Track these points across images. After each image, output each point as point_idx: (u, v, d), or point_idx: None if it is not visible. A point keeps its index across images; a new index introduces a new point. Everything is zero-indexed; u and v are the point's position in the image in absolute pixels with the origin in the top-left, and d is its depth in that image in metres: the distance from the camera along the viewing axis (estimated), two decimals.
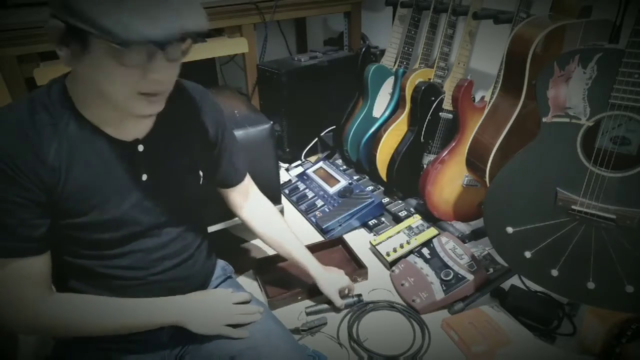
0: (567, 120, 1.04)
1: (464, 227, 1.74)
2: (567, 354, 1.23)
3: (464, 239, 1.66)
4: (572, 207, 1.07)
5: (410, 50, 1.98)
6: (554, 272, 1.14)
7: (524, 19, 1.43)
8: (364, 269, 1.51)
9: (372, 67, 1.98)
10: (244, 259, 1.63)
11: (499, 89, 1.46)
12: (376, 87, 2.01)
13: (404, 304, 1.41)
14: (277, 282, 1.47)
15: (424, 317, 1.35)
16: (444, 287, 1.38)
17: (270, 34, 2.22)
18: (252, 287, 1.47)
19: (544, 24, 1.28)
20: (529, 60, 1.27)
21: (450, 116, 1.76)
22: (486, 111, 1.49)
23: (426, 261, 1.48)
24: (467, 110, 1.60)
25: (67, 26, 0.65)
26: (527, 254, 1.17)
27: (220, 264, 1.14)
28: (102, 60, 0.66)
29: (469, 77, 1.61)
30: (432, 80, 1.81)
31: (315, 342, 1.28)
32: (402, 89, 1.87)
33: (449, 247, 1.49)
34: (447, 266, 1.42)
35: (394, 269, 1.52)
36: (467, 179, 1.68)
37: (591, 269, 1.09)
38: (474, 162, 1.50)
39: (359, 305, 1.38)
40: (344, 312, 1.37)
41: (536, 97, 1.08)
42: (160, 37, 0.64)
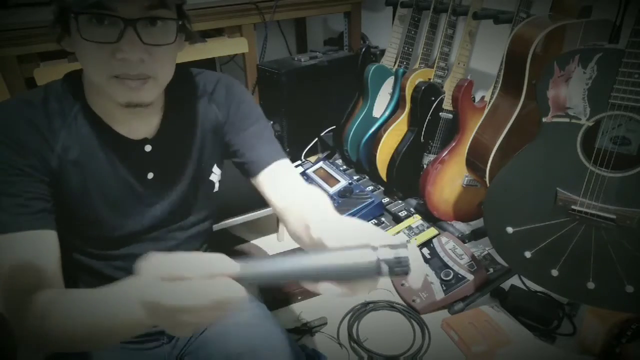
0: (567, 120, 1.04)
1: (464, 227, 1.74)
2: (567, 354, 1.23)
3: (464, 239, 1.66)
4: (572, 207, 1.07)
5: (410, 50, 1.98)
6: (554, 272, 1.14)
7: (524, 19, 1.43)
8: None
9: (372, 67, 1.98)
10: (244, 259, 1.63)
11: (499, 89, 1.46)
12: (376, 87, 2.01)
13: (404, 304, 1.41)
14: None
15: (424, 317, 1.35)
16: (444, 287, 1.38)
17: (270, 34, 2.22)
18: (252, 287, 1.48)
19: (544, 24, 1.28)
20: (529, 60, 1.27)
21: (450, 116, 1.76)
22: (486, 111, 1.49)
23: (426, 261, 1.48)
24: (467, 110, 1.60)
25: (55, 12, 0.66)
26: (527, 254, 1.17)
27: None
28: (76, 38, 0.66)
29: (469, 77, 1.61)
30: (432, 80, 1.81)
31: (315, 342, 1.28)
32: (402, 89, 1.87)
33: (449, 247, 1.49)
34: (447, 266, 1.42)
35: None
36: (467, 179, 1.68)
37: (591, 269, 1.09)
38: (474, 162, 1.50)
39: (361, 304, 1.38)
40: (344, 312, 1.37)
41: (536, 97, 1.08)
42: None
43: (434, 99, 1.76)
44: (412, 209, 1.84)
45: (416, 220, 1.71)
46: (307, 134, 2.31)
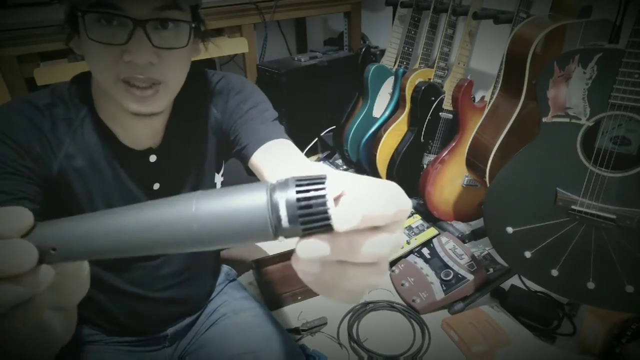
0: (567, 120, 1.04)
1: (464, 227, 1.74)
2: (567, 354, 1.23)
3: (464, 239, 1.66)
4: (572, 207, 1.07)
5: (410, 50, 1.98)
6: (554, 272, 1.14)
7: (524, 19, 1.43)
8: None
9: (372, 67, 1.98)
10: (244, 259, 1.63)
11: (499, 89, 1.46)
12: (376, 87, 2.01)
13: (404, 304, 1.41)
14: (276, 282, 1.47)
15: (424, 317, 1.35)
16: (444, 287, 1.38)
17: (270, 34, 2.22)
18: (252, 287, 1.48)
19: (544, 24, 1.28)
20: (529, 60, 1.27)
21: (450, 116, 1.76)
22: (486, 111, 1.49)
23: (426, 261, 1.48)
24: (467, 110, 1.60)
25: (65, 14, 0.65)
26: (527, 254, 1.17)
27: (224, 269, 1.12)
28: (84, 39, 0.63)
29: (469, 77, 1.61)
30: (432, 80, 1.81)
31: (315, 342, 1.28)
32: (402, 89, 1.87)
33: (449, 247, 1.49)
34: (447, 266, 1.42)
35: (394, 268, 1.52)
36: (467, 179, 1.68)
37: (591, 269, 1.09)
38: (474, 162, 1.50)
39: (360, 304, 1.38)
40: (344, 312, 1.37)
41: (536, 97, 1.08)
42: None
43: (434, 99, 1.76)
44: (412, 209, 1.84)
45: (416, 220, 1.71)
46: (307, 134, 2.31)
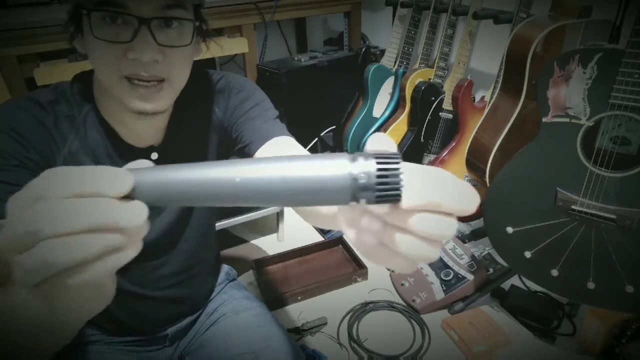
0: (567, 120, 1.04)
1: (464, 227, 1.74)
2: (567, 354, 1.23)
3: (464, 239, 1.66)
4: (572, 207, 1.07)
5: (410, 50, 1.98)
6: (554, 272, 1.14)
7: (524, 19, 1.43)
8: (364, 269, 1.51)
9: (372, 67, 1.98)
10: (244, 259, 1.63)
11: (499, 89, 1.46)
12: (376, 87, 2.01)
13: (404, 304, 1.41)
14: (277, 282, 1.47)
15: (424, 317, 1.35)
16: (444, 287, 1.38)
17: (270, 34, 2.22)
18: (252, 287, 1.48)
19: (544, 24, 1.28)
20: (529, 60, 1.27)
21: (450, 116, 1.76)
22: (486, 111, 1.49)
23: None
24: (467, 110, 1.60)
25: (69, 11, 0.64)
26: (527, 254, 1.17)
27: (224, 268, 1.12)
28: (88, 37, 0.64)
29: (469, 77, 1.61)
30: (432, 80, 1.81)
31: (315, 342, 1.28)
32: (402, 89, 1.87)
33: (449, 247, 1.49)
34: (447, 266, 1.42)
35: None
36: (467, 179, 1.68)
37: (591, 269, 1.09)
38: (474, 162, 1.50)
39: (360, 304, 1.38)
40: (344, 312, 1.37)
41: (536, 97, 1.08)
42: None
43: (434, 99, 1.76)
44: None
45: None
46: (307, 134, 2.31)
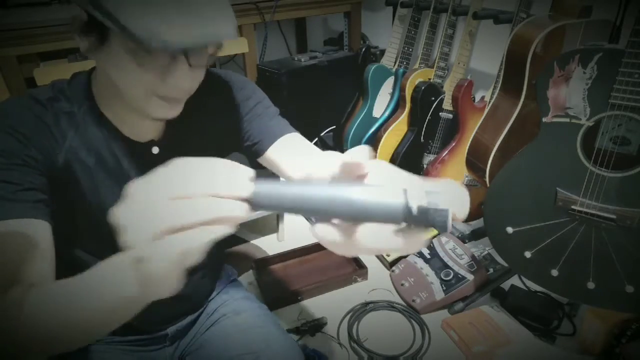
0: (567, 120, 1.04)
1: (464, 227, 1.74)
2: (567, 354, 1.23)
3: (464, 239, 1.66)
4: (572, 207, 1.07)
5: (410, 50, 1.98)
6: (554, 272, 1.14)
7: (524, 19, 1.43)
8: (364, 269, 1.51)
9: (372, 67, 1.98)
10: (244, 259, 1.63)
11: (499, 89, 1.46)
12: (376, 87, 2.01)
13: (404, 304, 1.41)
14: (277, 282, 1.47)
15: (424, 317, 1.35)
16: (444, 287, 1.38)
17: (270, 34, 2.22)
18: (252, 287, 1.48)
19: (544, 24, 1.28)
20: (529, 60, 1.27)
21: (450, 116, 1.76)
22: (486, 111, 1.49)
23: (426, 261, 1.48)
24: (467, 110, 1.60)
25: (88, 17, 0.63)
26: (527, 254, 1.17)
27: (225, 268, 1.12)
28: (120, 55, 0.64)
29: (469, 77, 1.61)
30: (432, 80, 1.81)
31: (315, 342, 1.28)
32: (402, 89, 1.87)
33: (449, 247, 1.49)
34: (447, 266, 1.42)
35: (394, 269, 1.52)
36: (467, 179, 1.68)
37: (591, 269, 1.09)
38: (474, 162, 1.50)
39: (360, 304, 1.38)
40: (344, 312, 1.37)
41: (536, 97, 1.08)
42: (186, 46, 0.61)
43: (434, 99, 1.76)
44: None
45: None
46: (307, 134, 2.28)
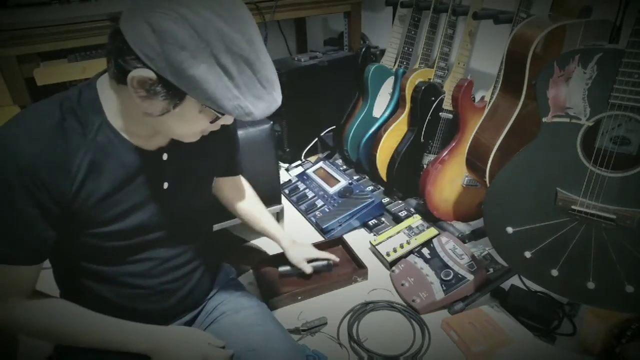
0: (567, 120, 1.04)
1: (464, 227, 1.74)
2: (567, 354, 1.23)
3: (464, 239, 1.66)
4: (572, 207, 1.07)
5: (410, 50, 1.98)
6: (554, 272, 1.14)
7: (524, 19, 1.43)
8: (364, 269, 1.51)
9: (372, 67, 1.98)
10: (244, 259, 1.63)
11: (499, 89, 1.46)
12: (376, 87, 2.01)
13: (404, 304, 1.41)
14: (277, 282, 1.47)
15: (424, 317, 1.35)
16: (444, 287, 1.38)
17: (270, 34, 2.22)
18: (252, 287, 1.48)
19: (544, 24, 1.28)
20: (529, 60, 1.27)
21: (450, 116, 1.76)
22: (486, 111, 1.49)
23: (426, 261, 1.48)
24: (467, 110, 1.60)
25: (162, 82, 0.65)
26: (527, 254, 1.17)
27: (224, 267, 1.14)
28: (192, 114, 0.71)
29: (469, 77, 1.61)
30: (432, 80, 1.81)
31: (315, 342, 1.28)
32: (402, 89, 1.87)
33: (449, 247, 1.49)
34: (447, 266, 1.42)
35: (394, 269, 1.52)
36: (467, 179, 1.68)
37: (591, 269, 1.09)
38: (474, 162, 1.50)
39: (361, 305, 1.38)
40: (344, 312, 1.37)
41: (536, 97, 1.08)
42: (266, 115, 0.71)
43: (434, 99, 1.77)
44: (412, 209, 1.84)
45: (416, 220, 1.71)
46: (307, 134, 2.31)
